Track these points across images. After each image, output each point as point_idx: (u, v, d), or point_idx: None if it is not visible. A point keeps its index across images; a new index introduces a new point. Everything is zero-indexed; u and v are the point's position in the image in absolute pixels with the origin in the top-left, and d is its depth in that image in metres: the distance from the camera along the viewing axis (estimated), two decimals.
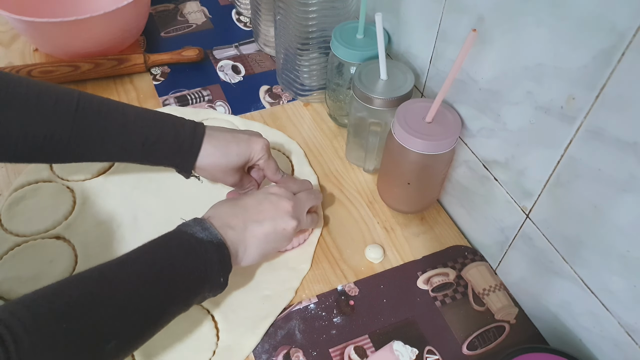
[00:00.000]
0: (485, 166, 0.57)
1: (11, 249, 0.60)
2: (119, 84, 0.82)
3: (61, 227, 0.62)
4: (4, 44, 0.89)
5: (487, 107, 0.53)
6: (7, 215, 0.63)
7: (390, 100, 0.60)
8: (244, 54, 0.90)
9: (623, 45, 0.37)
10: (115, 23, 0.80)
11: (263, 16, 0.84)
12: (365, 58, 0.65)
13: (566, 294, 0.50)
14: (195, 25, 0.96)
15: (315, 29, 0.70)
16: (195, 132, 0.57)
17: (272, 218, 0.53)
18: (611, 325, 0.45)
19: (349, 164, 0.72)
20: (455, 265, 0.61)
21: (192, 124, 0.58)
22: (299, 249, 0.61)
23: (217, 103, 0.80)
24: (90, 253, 0.60)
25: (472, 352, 0.54)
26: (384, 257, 0.61)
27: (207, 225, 0.49)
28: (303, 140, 0.75)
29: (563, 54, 0.42)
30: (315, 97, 0.80)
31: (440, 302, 0.57)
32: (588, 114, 0.41)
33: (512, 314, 0.57)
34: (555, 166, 0.46)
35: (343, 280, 0.59)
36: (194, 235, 0.48)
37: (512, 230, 0.55)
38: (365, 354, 0.53)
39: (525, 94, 0.47)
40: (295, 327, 0.55)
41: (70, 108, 0.52)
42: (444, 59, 0.59)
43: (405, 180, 0.60)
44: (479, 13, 0.50)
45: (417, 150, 0.56)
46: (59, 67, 0.79)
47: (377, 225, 0.65)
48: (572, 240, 0.47)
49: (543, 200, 0.50)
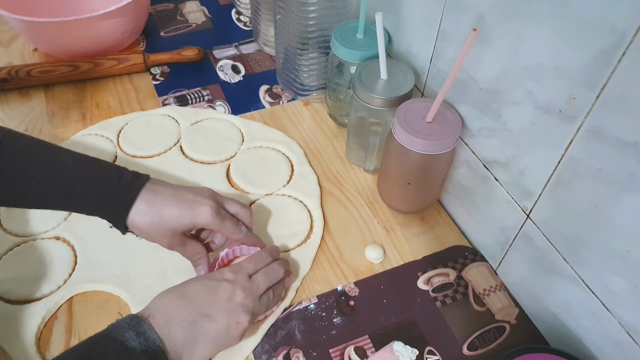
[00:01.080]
0: (485, 166, 0.57)
1: (11, 249, 0.60)
2: (118, 84, 0.82)
3: (61, 227, 0.62)
4: (4, 44, 0.89)
5: (487, 107, 0.53)
6: (7, 215, 0.63)
7: (391, 100, 0.60)
8: (243, 53, 0.90)
9: (623, 45, 0.37)
10: (115, 23, 0.79)
11: (263, 16, 0.84)
12: (366, 58, 0.65)
13: (567, 294, 0.50)
14: (195, 24, 0.96)
15: (315, 29, 0.70)
16: (132, 185, 0.50)
17: (225, 311, 0.47)
18: (612, 326, 0.45)
19: (349, 164, 0.72)
20: (456, 266, 0.61)
21: (131, 176, 0.51)
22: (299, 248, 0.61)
23: (217, 103, 0.80)
24: (90, 253, 0.60)
25: (472, 352, 0.54)
26: (384, 257, 0.61)
27: (144, 328, 0.42)
28: (303, 140, 0.75)
29: (564, 54, 0.42)
30: (315, 97, 0.80)
31: (440, 302, 0.57)
32: (588, 113, 0.41)
33: (513, 314, 0.57)
34: (556, 166, 0.46)
35: (343, 280, 0.59)
36: (124, 343, 0.41)
37: (512, 231, 0.55)
38: (366, 355, 0.53)
39: (525, 93, 0.47)
40: (295, 328, 0.55)
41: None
42: (445, 59, 0.59)
43: (405, 180, 0.60)
44: (479, 12, 0.50)
45: (418, 150, 0.55)
46: (59, 66, 0.79)
47: (377, 225, 0.65)
48: (572, 241, 0.47)
49: (543, 200, 0.50)
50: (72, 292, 0.57)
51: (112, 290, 0.57)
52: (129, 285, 0.57)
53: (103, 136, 0.73)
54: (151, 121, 0.75)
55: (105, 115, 0.77)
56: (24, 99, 0.79)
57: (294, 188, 0.68)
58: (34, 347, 0.52)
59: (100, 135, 0.73)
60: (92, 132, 0.73)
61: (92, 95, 0.80)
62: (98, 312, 0.56)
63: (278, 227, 0.63)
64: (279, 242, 0.62)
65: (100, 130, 0.74)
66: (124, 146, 0.72)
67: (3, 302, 0.55)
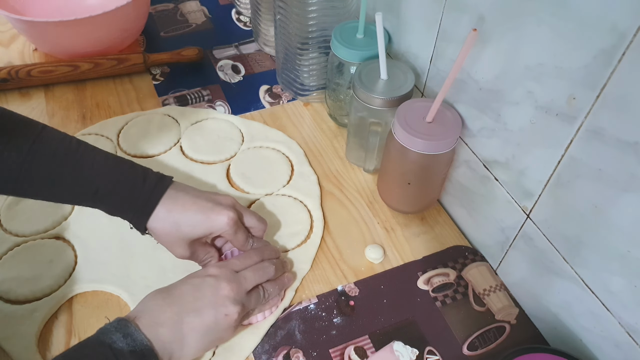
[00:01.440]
0: (485, 166, 0.57)
1: (11, 249, 0.60)
2: (118, 84, 0.82)
3: (61, 227, 0.62)
4: (4, 44, 0.89)
5: (487, 107, 0.53)
6: (7, 215, 0.63)
7: (391, 100, 0.60)
8: (243, 53, 0.90)
9: (624, 45, 0.37)
10: (115, 23, 0.79)
11: (263, 16, 0.84)
12: (366, 58, 0.65)
13: (567, 294, 0.50)
14: (194, 24, 0.96)
15: (315, 29, 0.70)
16: (155, 189, 0.51)
17: (212, 305, 0.47)
18: (612, 326, 0.45)
19: (349, 164, 0.72)
20: (456, 266, 0.61)
21: (154, 180, 0.52)
22: (299, 248, 0.61)
23: (217, 103, 0.80)
24: (90, 253, 0.60)
25: (472, 352, 0.54)
26: (384, 257, 0.61)
27: (131, 329, 0.43)
28: (303, 140, 0.75)
29: (564, 54, 0.42)
30: (315, 97, 0.80)
31: (440, 302, 0.57)
32: (589, 113, 0.41)
33: (513, 314, 0.57)
34: (556, 166, 0.46)
35: (343, 280, 0.59)
36: (112, 346, 0.41)
37: (512, 231, 0.55)
38: (366, 355, 0.53)
39: (525, 93, 0.47)
40: (295, 328, 0.55)
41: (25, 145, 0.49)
42: (445, 59, 0.59)
43: (405, 180, 0.60)
44: (479, 12, 0.50)
45: (418, 150, 0.55)
46: (59, 66, 0.79)
47: (377, 225, 0.65)
48: (572, 241, 0.47)
49: (543, 200, 0.50)
50: (72, 292, 0.57)
51: (112, 290, 0.57)
52: (129, 285, 0.57)
53: (103, 136, 0.73)
54: (151, 121, 0.75)
55: (105, 115, 0.77)
56: (24, 99, 0.79)
57: (294, 188, 0.68)
58: (34, 347, 0.52)
59: (100, 135, 0.73)
60: (92, 132, 0.73)
61: (92, 95, 0.80)
62: (98, 312, 0.55)
63: (278, 227, 0.63)
64: (279, 242, 0.62)
65: (100, 130, 0.74)
66: (124, 146, 0.72)
67: (3, 302, 0.55)
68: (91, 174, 0.51)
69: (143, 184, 0.51)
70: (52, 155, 0.50)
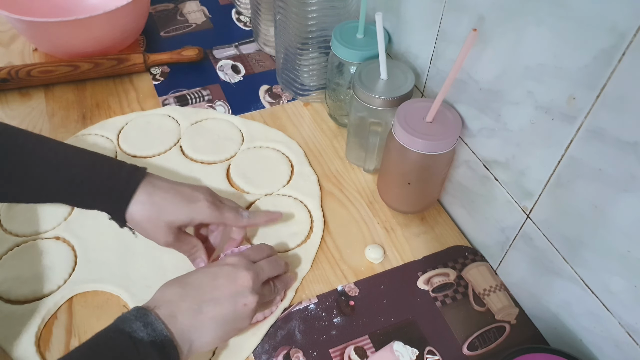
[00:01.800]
0: (485, 166, 0.57)
1: (11, 249, 0.60)
2: (118, 84, 0.82)
3: (61, 227, 0.62)
4: (4, 44, 0.89)
5: (487, 107, 0.53)
6: (7, 215, 0.63)
7: (391, 100, 0.60)
8: (243, 53, 0.90)
9: (624, 45, 0.37)
10: (115, 23, 0.79)
11: (263, 16, 0.84)
12: (366, 58, 0.65)
13: (567, 294, 0.50)
14: (194, 24, 0.96)
15: (315, 29, 0.70)
16: (131, 178, 0.51)
17: (230, 295, 0.47)
18: (612, 326, 0.45)
19: (349, 164, 0.72)
20: (456, 266, 0.61)
21: (130, 169, 0.52)
22: (299, 248, 0.61)
23: (217, 103, 0.80)
24: (90, 253, 0.60)
25: (472, 352, 0.54)
26: (384, 257, 0.61)
27: (151, 319, 0.43)
28: (303, 140, 0.75)
29: (564, 54, 0.42)
30: (315, 96, 0.80)
31: (440, 302, 0.57)
32: (588, 114, 0.41)
33: (513, 314, 0.57)
34: (556, 166, 0.46)
35: (343, 280, 0.59)
36: (132, 335, 0.41)
37: (512, 231, 0.55)
38: (366, 355, 0.53)
39: (525, 93, 0.47)
40: (295, 328, 0.55)
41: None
42: (445, 59, 0.59)
43: (405, 180, 0.60)
44: (479, 13, 0.50)
45: (418, 150, 0.55)
46: (59, 66, 0.79)
47: (377, 225, 0.65)
48: (572, 241, 0.47)
49: (543, 201, 0.50)
50: (72, 292, 0.57)
51: (112, 290, 0.57)
52: (129, 285, 0.57)
53: (103, 136, 0.73)
54: (151, 121, 0.75)
55: (105, 115, 0.77)
56: (24, 99, 0.79)
57: (294, 188, 0.68)
58: (34, 347, 0.52)
59: (100, 135, 0.73)
60: (92, 132, 0.73)
61: (92, 95, 0.80)
62: (98, 312, 0.56)
63: (278, 227, 0.63)
64: (279, 242, 0.62)
65: (100, 130, 0.74)
66: (124, 146, 0.72)
67: (3, 302, 0.55)
68: (64, 165, 0.50)
69: (119, 171, 0.51)
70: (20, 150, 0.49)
